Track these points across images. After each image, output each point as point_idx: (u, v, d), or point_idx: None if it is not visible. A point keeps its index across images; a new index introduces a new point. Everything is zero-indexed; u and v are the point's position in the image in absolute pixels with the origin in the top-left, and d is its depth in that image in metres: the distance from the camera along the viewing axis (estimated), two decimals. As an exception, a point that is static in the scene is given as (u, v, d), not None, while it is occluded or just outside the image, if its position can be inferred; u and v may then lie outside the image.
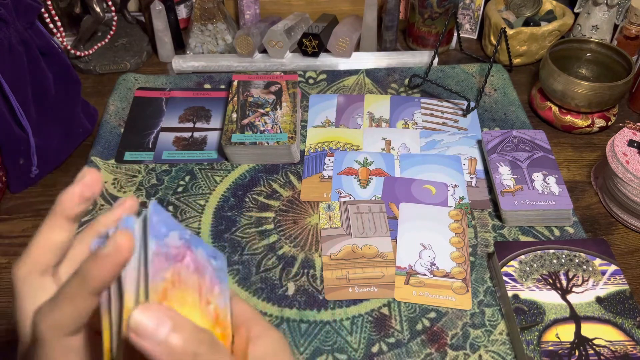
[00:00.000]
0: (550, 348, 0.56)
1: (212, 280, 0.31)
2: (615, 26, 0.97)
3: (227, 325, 0.31)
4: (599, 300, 0.60)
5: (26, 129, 0.72)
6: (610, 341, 0.57)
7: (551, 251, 0.64)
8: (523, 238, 0.71)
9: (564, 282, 0.62)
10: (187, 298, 0.28)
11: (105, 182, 0.77)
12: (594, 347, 0.56)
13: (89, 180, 0.30)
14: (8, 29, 0.67)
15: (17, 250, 0.70)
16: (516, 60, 0.99)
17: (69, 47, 0.93)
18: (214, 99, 0.91)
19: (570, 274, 0.62)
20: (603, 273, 0.62)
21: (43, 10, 0.82)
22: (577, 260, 0.63)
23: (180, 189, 0.77)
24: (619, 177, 0.70)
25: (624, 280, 0.62)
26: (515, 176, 0.74)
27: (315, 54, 0.97)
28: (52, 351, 0.26)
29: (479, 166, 0.80)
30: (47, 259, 0.29)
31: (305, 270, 0.67)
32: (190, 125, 0.86)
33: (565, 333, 0.57)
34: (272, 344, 0.31)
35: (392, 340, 0.61)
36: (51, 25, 0.89)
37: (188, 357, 0.25)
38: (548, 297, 0.60)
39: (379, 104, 0.90)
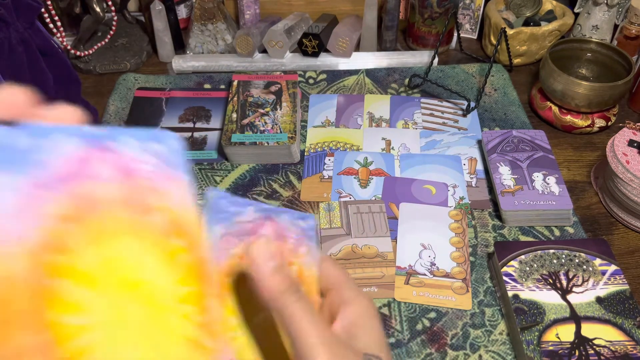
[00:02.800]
0: (550, 348, 0.56)
1: (298, 241, 0.31)
2: (615, 26, 0.96)
3: (312, 282, 0.32)
4: (599, 300, 0.60)
5: (26, 129, 0.72)
6: (610, 341, 0.57)
7: (551, 251, 0.64)
8: (523, 238, 0.71)
9: (564, 282, 0.62)
10: None
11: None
12: (594, 347, 0.56)
13: None
14: (8, 29, 0.67)
15: (17, 250, 0.70)
16: (516, 60, 0.99)
17: (69, 47, 0.93)
18: (214, 99, 0.91)
19: (570, 274, 0.62)
20: (603, 273, 0.62)
21: (43, 10, 0.82)
22: (577, 260, 0.63)
23: (180, 189, 0.77)
24: (619, 177, 0.70)
25: (624, 280, 0.62)
26: (515, 176, 0.74)
27: (315, 54, 0.97)
28: None
29: (479, 166, 0.80)
30: None
31: (305, 270, 0.67)
32: (190, 125, 0.86)
33: (566, 333, 0.57)
34: (362, 309, 0.32)
35: (392, 340, 0.61)
36: (51, 25, 0.89)
37: (283, 293, 0.28)
38: (548, 297, 0.60)
39: (379, 104, 0.90)
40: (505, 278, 0.62)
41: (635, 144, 0.72)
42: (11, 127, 0.18)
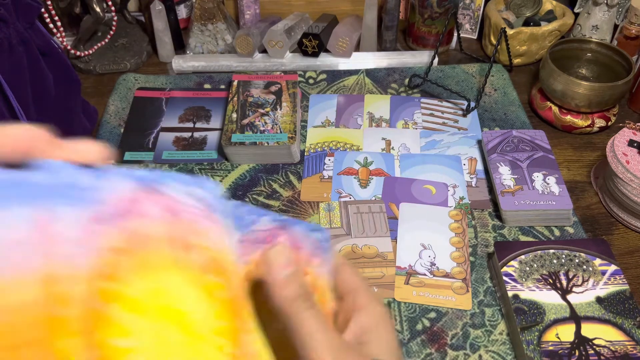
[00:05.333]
0: (550, 348, 0.56)
1: (312, 252, 0.32)
2: (615, 26, 0.97)
3: (325, 291, 0.32)
4: (599, 300, 0.60)
5: (26, 129, 0.71)
6: (610, 341, 0.57)
7: (551, 251, 0.64)
8: (523, 238, 0.71)
9: (564, 282, 0.62)
10: None
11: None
12: (594, 347, 0.56)
13: None
14: (8, 29, 0.67)
15: (17, 250, 0.70)
16: (516, 60, 0.99)
17: (69, 47, 0.93)
18: (214, 99, 0.91)
19: (570, 274, 0.62)
20: (603, 273, 0.62)
21: (43, 10, 0.82)
22: (577, 260, 0.63)
23: (180, 189, 0.77)
24: (619, 177, 0.70)
25: (624, 280, 0.62)
26: (515, 176, 0.74)
27: (315, 54, 0.97)
28: None
29: (479, 166, 0.80)
30: None
31: (305, 270, 0.67)
32: (190, 125, 0.86)
33: (566, 333, 0.57)
34: (375, 315, 0.32)
35: (392, 340, 0.61)
36: (51, 25, 0.89)
37: (295, 301, 0.28)
38: (548, 297, 0.60)
39: (379, 104, 0.90)
40: (505, 278, 0.62)
41: (635, 144, 0.72)
42: (76, 167, 0.21)
